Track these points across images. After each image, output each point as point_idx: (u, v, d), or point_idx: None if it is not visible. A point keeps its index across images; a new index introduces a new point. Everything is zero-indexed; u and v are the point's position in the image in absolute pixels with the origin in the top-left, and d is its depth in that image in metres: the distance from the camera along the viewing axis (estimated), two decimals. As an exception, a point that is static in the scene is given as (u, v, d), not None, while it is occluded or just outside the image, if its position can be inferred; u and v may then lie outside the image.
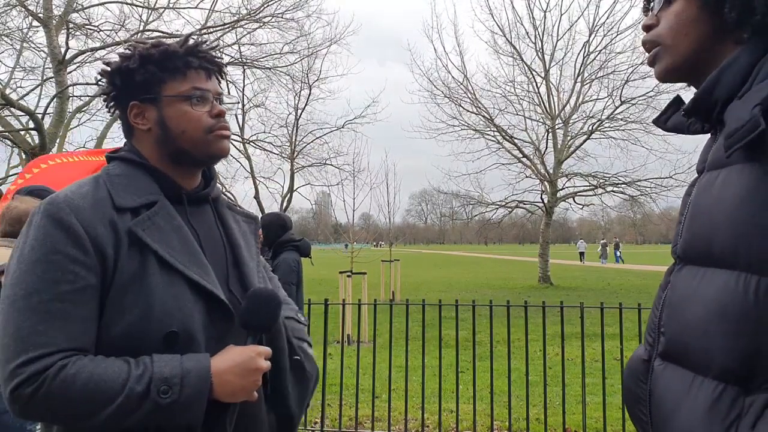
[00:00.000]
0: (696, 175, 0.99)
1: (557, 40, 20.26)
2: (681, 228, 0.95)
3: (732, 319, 0.80)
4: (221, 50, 12.86)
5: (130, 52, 1.19)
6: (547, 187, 20.17)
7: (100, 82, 1.23)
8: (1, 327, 1.00)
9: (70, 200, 1.06)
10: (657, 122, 1.06)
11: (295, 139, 17.56)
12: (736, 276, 0.81)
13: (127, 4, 11.59)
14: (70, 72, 10.69)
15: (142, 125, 1.19)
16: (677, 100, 1.03)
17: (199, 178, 1.27)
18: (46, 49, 10.48)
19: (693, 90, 1.00)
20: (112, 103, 1.22)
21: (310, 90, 16.94)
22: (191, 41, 1.20)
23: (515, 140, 20.36)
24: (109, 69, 1.20)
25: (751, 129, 0.78)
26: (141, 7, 11.85)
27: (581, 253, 38.53)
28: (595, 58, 19.90)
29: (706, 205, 0.89)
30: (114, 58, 1.23)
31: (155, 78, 1.17)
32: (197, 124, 1.18)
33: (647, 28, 1.02)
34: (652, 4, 1.04)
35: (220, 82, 1.26)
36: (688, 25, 0.95)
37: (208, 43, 1.24)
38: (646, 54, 1.03)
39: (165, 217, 1.13)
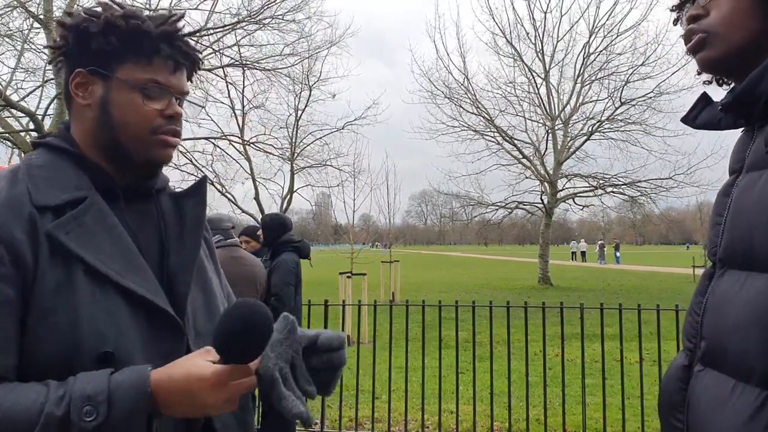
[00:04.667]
0: (730, 174, 0.95)
1: (557, 41, 20.36)
2: (721, 230, 0.92)
3: None
4: (221, 51, 12.86)
5: (99, 11, 1.00)
6: (547, 187, 20.20)
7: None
8: None
9: None
10: (686, 120, 1.02)
11: (296, 141, 17.57)
12: None
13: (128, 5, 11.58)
14: (70, 73, 10.65)
15: (82, 98, 1.01)
16: (704, 98, 0.99)
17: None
18: (47, 51, 10.47)
19: (716, 85, 0.97)
20: (60, 59, 1.03)
21: (311, 91, 16.97)
22: (169, 24, 1.01)
23: (515, 141, 20.42)
24: (67, 22, 1.01)
25: None
26: (142, 9, 11.84)
27: (578, 252, 43.45)
28: (595, 59, 20.01)
29: (747, 206, 0.85)
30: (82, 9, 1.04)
31: (113, 52, 0.99)
32: (143, 121, 1.00)
33: (693, 19, 0.96)
34: None
35: (190, 79, 1.08)
36: (743, 16, 0.90)
37: (185, 28, 1.05)
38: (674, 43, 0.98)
39: (95, 215, 0.95)
